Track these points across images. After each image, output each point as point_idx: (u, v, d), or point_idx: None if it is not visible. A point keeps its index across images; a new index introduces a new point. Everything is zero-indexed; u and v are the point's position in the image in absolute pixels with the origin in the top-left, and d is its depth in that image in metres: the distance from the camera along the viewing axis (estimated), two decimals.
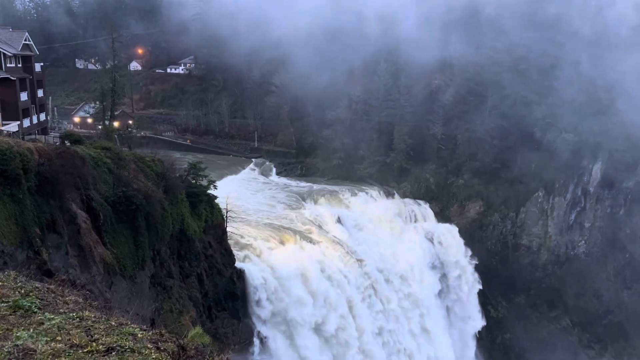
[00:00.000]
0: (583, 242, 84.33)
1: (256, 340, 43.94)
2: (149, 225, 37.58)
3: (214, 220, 46.91)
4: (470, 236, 77.81)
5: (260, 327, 44.56)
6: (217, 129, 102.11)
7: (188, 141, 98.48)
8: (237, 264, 45.98)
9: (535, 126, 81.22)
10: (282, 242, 50.59)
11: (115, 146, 44.57)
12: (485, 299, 77.33)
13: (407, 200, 78.56)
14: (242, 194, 64.75)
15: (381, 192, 76.85)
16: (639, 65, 79.91)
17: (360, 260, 55.63)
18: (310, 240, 53.17)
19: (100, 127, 65.05)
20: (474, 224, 79.93)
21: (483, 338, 74.48)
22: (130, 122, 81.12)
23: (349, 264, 54.06)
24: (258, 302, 44.59)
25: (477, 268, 74.84)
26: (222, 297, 45.23)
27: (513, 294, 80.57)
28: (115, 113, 69.58)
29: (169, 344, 8.72)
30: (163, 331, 9.45)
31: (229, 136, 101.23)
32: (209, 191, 46.81)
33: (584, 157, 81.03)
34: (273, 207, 61.48)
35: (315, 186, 75.77)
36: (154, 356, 7.85)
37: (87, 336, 8.16)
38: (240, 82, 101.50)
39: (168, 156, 49.95)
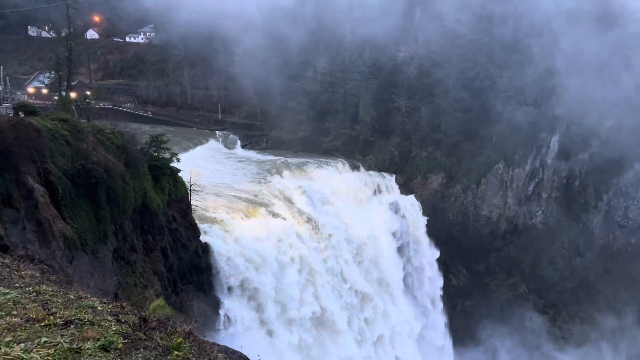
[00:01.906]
0: (540, 212, 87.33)
1: (222, 312, 44.11)
2: (110, 199, 36.82)
3: (178, 194, 46.27)
4: (432, 207, 79.54)
5: (225, 300, 44.70)
6: (179, 101, 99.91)
7: (149, 113, 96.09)
8: (202, 238, 45.70)
9: (497, 99, 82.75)
10: (247, 215, 50.44)
11: (73, 118, 43.07)
12: (446, 268, 79.66)
13: (372, 172, 79.34)
14: (207, 167, 63.93)
15: (347, 165, 77.25)
16: (597, 39, 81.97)
17: (326, 233, 56.11)
18: (276, 213, 53.22)
19: (56, 98, 62.50)
20: (436, 196, 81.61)
21: (444, 304, 76.93)
22: (88, 93, 78.51)
23: (314, 236, 54.50)
24: (223, 275, 44.62)
25: (437, 239, 76.75)
26: (187, 270, 45.03)
27: (473, 262, 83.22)
28: (72, 83, 66.91)
29: (130, 316, 8.67)
30: (124, 303, 9.38)
31: (192, 108, 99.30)
32: (171, 164, 45.99)
33: (543, 129, 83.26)
34: (238, 180, 61.03)
35: (281, 159, 75.46)
36: (114, 328, 7.79)
37: (44, 310, 8.02)
38: (202, 52, 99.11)
39: (128, 128, 48.67)
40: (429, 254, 75.96)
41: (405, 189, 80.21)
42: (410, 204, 76.51)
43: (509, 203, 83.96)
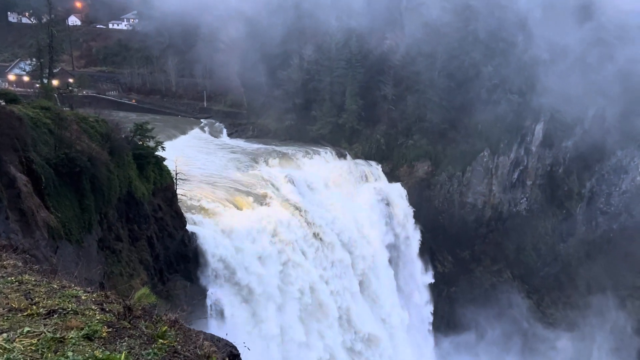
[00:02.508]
0: (525, 199, 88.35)
1: (209, 301, 44.14)
2: (95, 188, 36.47)
3: (163, 183, 45.96)
4: (418, 195, 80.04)
5: (212, 289, 44.70)
6: (164, 88, 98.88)
7: (133, 101, 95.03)
8: (189, 227, 45.53)
9: (482, 88, 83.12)
10: (233, 204, 50.33)
11: (56, 106, 42.42)
12: (432, 255, 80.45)
13: (358, 161, 79.46)
14: (192, 155, 63.50)
15: (333, 153, 77.26)
16: (578, 29, 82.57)
17: (313, 221, 56.22)
18: (263, 202, 53.16)
19: (38, 85, 61.51)
20: (422, 184, 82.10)
21: (430, 291, 77.82)
22: (71, 80, 77.22)
23: (301, 225, 54.57)
24: (210, 264, 44.56)
25: (423, 226, 77.40)
26: (174, 259, 44.90)
27: (459, 249, 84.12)
28: (54, 71, 65.84)
29: (115, 305, 8.65)
30: (108, 292, 9.35)
31: (177, 96, 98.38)
32: (156, 153, 45.60)
33: (527, 118, 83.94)
34: (224, 169, 60.73)
35: (268, 147, 75.23)
36: (98, 317, 7.77)
37: (27, 299, 7.97)
38: (187, 39, 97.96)
39: (113, 116, 48.11)
40: (415, 244, 76.62)
41: (391, 177, 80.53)
42: (398, 192, 76.89)
43: (494, 190, 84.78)
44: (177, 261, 44.87)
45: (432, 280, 77.35)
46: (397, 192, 77.21)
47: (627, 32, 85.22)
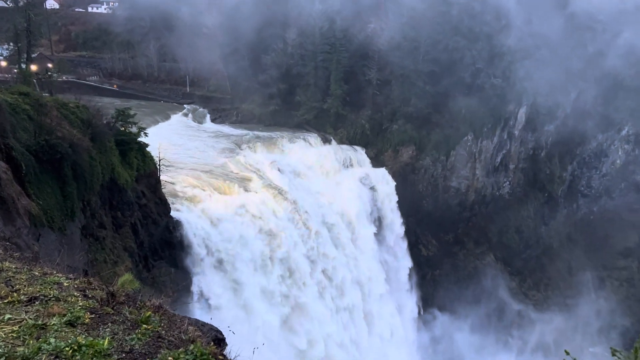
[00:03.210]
0: (507, 182, 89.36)
1: (194, 287, 44.14)
2: (77, 175, 36.03)
3: (147, 169, 45.54)
4: (403, 179, 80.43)
5: (198, 275, 44.68)
6: (146, 73, 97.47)
7: (115, 86, 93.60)
8: (173, 213, 45.29)
9: (466, 71, 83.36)
10: (218, 190, 50.13)
11: (35, 91, 41.65)
12: (416, 239, 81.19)
13: (343, 146, 79.43)
14: (176, 141, 62.96)
15: (318, 139, 77.12)
16: (560, 13, 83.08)
17: (299, 207, 56.29)
18: (248, 188, 53.03)
19: (16, 70, 60.23)
20: (406, 168, 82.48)
21: (414, 275, 78.67)
22: (50, 65, 75.83)
23: (287, 210, 54.60)
24: (195, 250, 44.48)
25: (407, 210, 77.95)
26: (159, 246, 44.71)
27: (442, 233, 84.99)
28: (32, 56, 64.46)
29: (98, 291, 8.64)
30: (91, 279, 9.32)
31: (159, 81, 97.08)
32: (139, 139, 45.10)
33: (510, 101, 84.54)
34: (208, 154, 60.34)
35: (252, 133, 74.83)
36: (80, 304, 7.76)
37: (8, 287, 7.92)
38: (169, 24, 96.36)
39: (94, 102, 47.28)
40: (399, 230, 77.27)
41: (376, 162, 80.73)
42: (382, 177, 77.18)
43: (477, 174, 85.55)
44: (161, 248, 44.70)
45: (410, 265, 78.07)
46: (382, 177, 77.51)
47: (600, 20, 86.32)
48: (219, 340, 10.67)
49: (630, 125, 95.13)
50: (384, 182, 76.91)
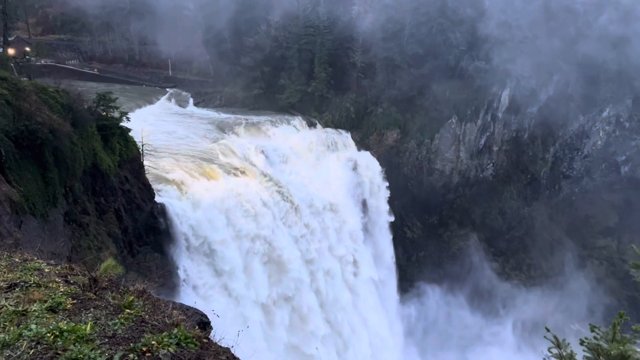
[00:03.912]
0: (491, 164, 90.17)
1: (180, 272, 44.11)
2: (58, 161, 35.56)
3: (129, 154, 45.10)
4: (388, 163, 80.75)
5: (184, 260, 44.62)
6: (127, 57, 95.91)
7: (95, 70, 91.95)
8: (157, 198, 45.01)
9: (450, 54, 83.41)
10: (203, 175, 49.87)
11: (12, 76, 40.74)
12: (401, 221, 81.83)
13: (328, 129, 79.28)
14: (158, 126, 62.29)
15: (303, 122, 76.86)
16: None
17: (284, 192, 56.26)
18: (233, 173, 52.81)
19: None
20: (391, 151, 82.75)
21: (399, 257, 79.45)
22: (28, 49, 74.18)
23: (273, 195, 54.58)
24: (180, 235, 44.36)
25: (392, 193, 78.39)
26: (143, 231, 44.51)
27: (427, 215, 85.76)
28: (9, 39, 62.92)
29: (80, 277, 8.59)
30: (73, 265, 9.25)
31: (140, 64, 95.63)
32: (121, 124, 44.57)
33: (494, 84, 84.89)
34: (192, 139, 59.86)
35: (236, 117, 74.28)
36: (62, 290, 7.72)
37: None
38: (149, 6, 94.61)
39: (74, 86, 46.47)
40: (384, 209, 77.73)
41: (361, 145, 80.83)
42: (367, 161, 77.37)
43: (462, 157, 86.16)
44: (146, 233, 44.50)
45: (393, 254, 78.87)
46: (367, 160, 77.71)
47: (580, 1, 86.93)
48: (204, 324, 10.71)
49: (611, 106, 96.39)
50: (370, 165, 77.14)
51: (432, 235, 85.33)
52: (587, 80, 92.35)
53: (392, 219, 78.32)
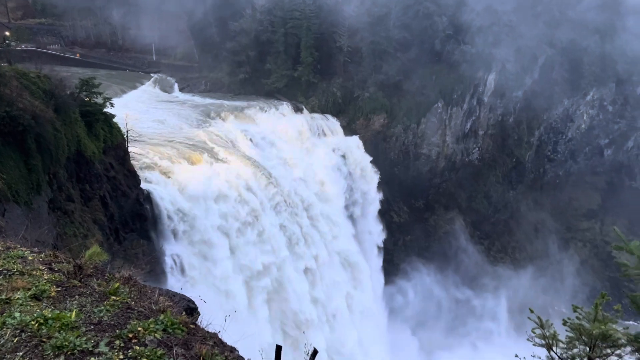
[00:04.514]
0: (477, 148, 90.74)
1: (168, 259, 44.00)
2: (41, 148, 35.07)
3: (114, 141, 44.61)
4: (375, 147, 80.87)
5: (171, 246, 44.50)
6: (110, 42, 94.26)
7: (77, 55, 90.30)
8: (143, 185, 44.67)
9: (436, 38, 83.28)
10: (189, 161, 49.52)
11: None
12: (388, 206, 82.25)
13: (315, 115, 79.02)
14: (143, 112, 61.56)
15: (290, 108, 76.47)
16: None
17: (271, 177, 56.15)
18: (220, 159, 52.53)
19: None
20: (378, 136, 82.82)
21: (386, 241, 79.99)
22: (7, 33, 72.59)
23: (260, 181, 54.44)
24: (167, 221, 44.16)
25: (380, 178, 78.68)
26: (129, 218, 44.23)
27: (413, 199, 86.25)
28: None
29: (64, 264, 8.52)
30: (57, 252, 9.17)
31: (124, 49, 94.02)
32: (105, 109, 43.98)
33: (480, 68, 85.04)
34: (178, 125, 59.31)
35: (222, 102, 73.64)
36: (46, 277, 7.66)
37: None
38: None
39: (56, 72, 45.68)
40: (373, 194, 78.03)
41: (348, 130, 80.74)
42: (354, 146, 77.36)
43: (448, 141, 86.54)
44: (132, 220, 44.23)
45: (384, 237, 79.43)
46: (354, 146, 77.69)
47: None
48: (191, 310, 10.71)
49: (595, 90, 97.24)
50: (357, 150, 77.15)
51: (419, 219, 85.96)
52: (571, 64, 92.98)
53: (380, 196, 78.55)
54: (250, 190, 51.92)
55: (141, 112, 60.51)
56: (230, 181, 50.06)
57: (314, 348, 7.58)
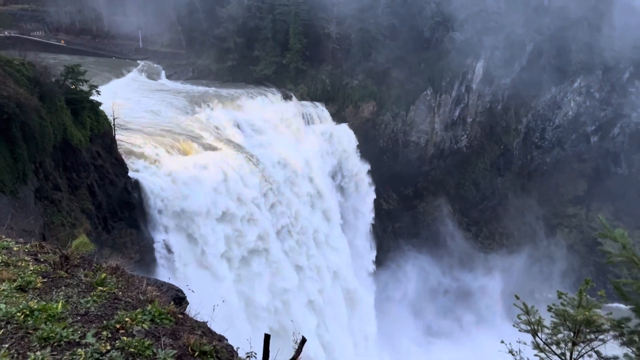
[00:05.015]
0: (465, 136, 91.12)
1: (157, 247, 43.88)
2: (27, 136, 34.65)
3: (101, 129, 44.14)
4: (364, 135, 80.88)
5: (160, 235, 44.34)
6: (95, 28, 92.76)
7: (62, 42, 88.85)
8: (131, 173, 44.37)
9: (425, 25, 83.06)
10: (177, 149, 49.20)
11: None
12: (377, 194, 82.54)
13: (304, 102, 78.64)
14: (130, 99, 60.87)
15: (278, 95, 76.03)
16: None
17: (260, 167, 55.98)
18: (208, 147, 52.23)
19: None
20: (367, 124, 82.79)
21: (376, 227, 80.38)
22: None
23: (249, 168, 54.26)
24: (155, 210, 43.96)
25: (370, 166, 78.86)
26: (118, 207, 43.97)
27: (402, 187, 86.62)
28: None
29: (50, 255, 8.46)
30: (43, 243, 9.10)
31: (109, 36, 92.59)
32: (92, 97, 43.46)
33: (469, 55, 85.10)
34: (165, 113, 58.73)
35: (210, 90, 73.02)
36: (32, 268, 7.60)
37: None
38: None
39: (40, 59, 45.00)
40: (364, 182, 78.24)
41: (337, 118, 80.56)
42: (344, 134, 77.25)
43: (436, 129, 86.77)
44: (121, 209, 43.99)
45: (373, 222, 79.83)
46: (344, 133, 77.58)
47: None
48: (180, 299, 10.71)
49: (582, 77, 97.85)
50: (346, 138, 77.08)
51: (408, 206, 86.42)
52: (559, 52, 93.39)
53: (373, 186, 78.91)
54: (239, 177, 51.77)
55: (128, 99, 59.85)
56: (218, 168, 49.83)
57: (303, 336, 7.63)
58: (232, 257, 48.27)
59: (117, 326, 6.76)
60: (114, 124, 45.31)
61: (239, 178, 51.55)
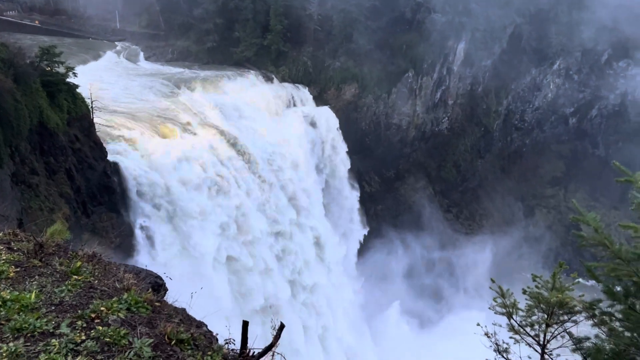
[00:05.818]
0: (446, 118, 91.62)
1: (138, 232, 43.57)
2: (1, 120, 33.99)
3: (78, 112, 43.34)
4: (346, 118, 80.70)
5: (140, 219, 43.99)
6: (70, 8, 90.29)
7: (36, 22, 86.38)
8: (110, 157, 43.76)
9: (407, 7, 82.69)
10: (157, 132, 48.59)
11: None
12: (360, 176, 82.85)
13: (286, 84, 78.00)
14: (108, 81, 59.72)
15: (260, 77, 75.29)
16: None
17: (241, 149, 55.64)
18: (188, 130, 51.67)
19: None
20: (349, 107, 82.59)
21: (358, 210, 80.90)
22: None
23: (230, 151, 53.92)
24: (135, 194, 43.54)
25: (351, 148, 78.87)
26: (97, 191, 43.46)
27: (384, 169, 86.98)
28: None
29: (24, 243, 8.33)
30: (17, 231, 8.95)
31: (86, 16, 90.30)
32: (68, 79, 42.56)
33: (450, 37, 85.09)
34: (144, 95, 57.77)
35: (190, 72, 71.96)
36: (4, 257, 7.48)
37: None
38: None
39: (14, 40, 43.87)
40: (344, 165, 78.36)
41: (319, 100, 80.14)
42: (325, 116, 76.97)
43: (418, 111, 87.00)
44: (100, 193, 43.48)
45: (358, 205, 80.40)
46: (325, 116, 77.28)
47: None
48: (159, 286, 10.66)
49: (562, 59, 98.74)
50: (328, 120, 76.81)
51: (390, 189, 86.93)
52: (539, 33, 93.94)
53: (349, 165, 79.09)
54: (221, 161, 51.46)
55: (105, 81, 58.71)
56: (200, 152, 49.44)
57: (281, 322, 7.68)
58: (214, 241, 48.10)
59: (92, 316, 6.71)
60: (91, 107, 44.51)
61: (218, 160, 51.22)
